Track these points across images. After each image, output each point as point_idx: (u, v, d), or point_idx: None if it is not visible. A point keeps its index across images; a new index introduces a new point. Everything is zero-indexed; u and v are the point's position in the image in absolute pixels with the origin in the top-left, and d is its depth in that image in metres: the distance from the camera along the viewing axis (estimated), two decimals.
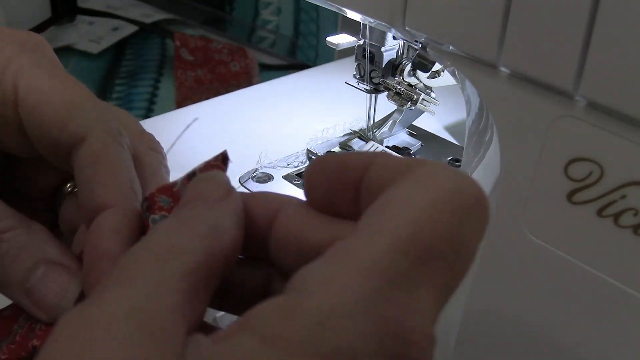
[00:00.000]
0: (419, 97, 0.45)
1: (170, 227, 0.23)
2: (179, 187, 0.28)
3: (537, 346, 0.35)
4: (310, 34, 0.97)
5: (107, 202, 0.28)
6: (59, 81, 0.30)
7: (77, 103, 0.29)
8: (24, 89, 0.29)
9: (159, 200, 0.28)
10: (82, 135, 0.29)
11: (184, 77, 0.92)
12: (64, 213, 0.33)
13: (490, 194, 0.37)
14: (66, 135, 0.29)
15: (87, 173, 0.29)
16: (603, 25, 0.27)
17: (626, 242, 0.30)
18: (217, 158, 0.28)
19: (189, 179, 0.28)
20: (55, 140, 0.29)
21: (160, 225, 0.24)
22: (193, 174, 0.28)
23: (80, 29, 1.03)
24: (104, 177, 0.29)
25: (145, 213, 0.28)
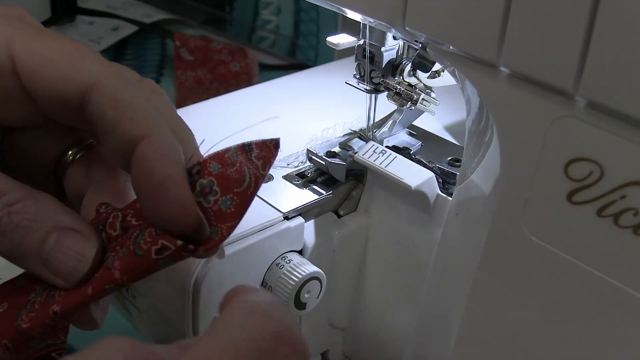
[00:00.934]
0: (419, 97, 0.45)
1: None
2: (231, 154, 0.29)
3: (537, 346, 0.35)
4: (310, 34, 0.97)
5: (141, 134, 0.28)
6: (53, 41, 0.30)
7: (76, 56, 0.29)
8: (21, 57, 0.29)
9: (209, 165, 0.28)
10: (90, 83, 0.29)
11: (184, 77, 0.92)
12: (69, 181, 0.34)
13: (490, 194, 0.37)
14: (73, 88, 0.29)
15: (110, 115, 0.28)
16: (603, 25, 0.27)
17: (626, 242, 0.30)
18: (272, 141, 0.30)
19: (244, 149, 0.28)
20: (63, 96, 0.29)
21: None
22: (249, 145, 0.28)
23: (80, 29, 1.03)
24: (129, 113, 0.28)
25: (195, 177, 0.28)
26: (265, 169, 0.28)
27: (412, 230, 0.46)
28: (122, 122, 0.28)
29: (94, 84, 0.29)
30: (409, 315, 0.47)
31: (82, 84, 0.29)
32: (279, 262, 0.44)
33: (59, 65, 0.29)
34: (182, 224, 0.27)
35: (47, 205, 0.29)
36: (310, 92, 0.61)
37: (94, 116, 0.29)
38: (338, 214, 0.48)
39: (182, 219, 0.27)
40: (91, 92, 0.28)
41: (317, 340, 0.52)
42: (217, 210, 0.28)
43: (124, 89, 0.29)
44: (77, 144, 0.34)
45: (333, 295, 0.49)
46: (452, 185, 0.45)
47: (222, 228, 0.28)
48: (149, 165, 0.27)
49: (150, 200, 0.27)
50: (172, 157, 0.28)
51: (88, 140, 0.35)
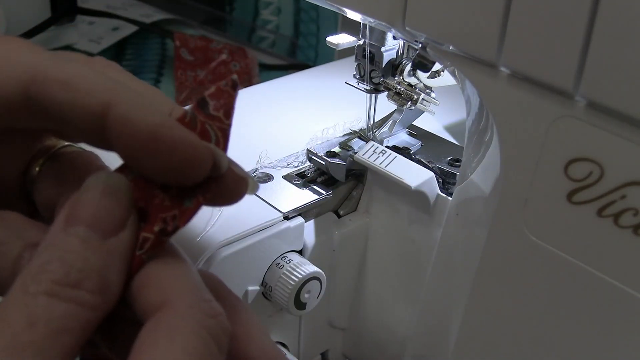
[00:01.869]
0: (419, 97, 0.45)
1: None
2: (190, 117, 0.26)
3: (537, 346, 0.35)
4: (310, 34, 0.97)
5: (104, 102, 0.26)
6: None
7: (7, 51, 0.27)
8: None
9: None
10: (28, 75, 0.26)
11: (184, 77, 0.92)
12: (39, 195, 0.31)
13: (490, 194, 0.37)
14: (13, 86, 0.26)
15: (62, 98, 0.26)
16: (603, 25, 0.27)
17: (626, 242, 0.30)
18: (227, 82, 0.27)
19: (200, 107, 0.26)
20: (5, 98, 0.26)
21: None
22: (203, 100, 0.26)
23: (80, 29, 1.03)
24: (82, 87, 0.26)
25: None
26: (230, 117, 0.26)
27: (412, 230, 0.46)
28: (78, 99, 0.25)
29: (32, 74, 0.26)
30: (409, 315, 0.47)
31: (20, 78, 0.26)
32: (279, 262, 0.44)
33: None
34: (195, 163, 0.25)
35: (15, 224, 0.27)
36: (310, 92, 0.61)
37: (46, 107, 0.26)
38: (338, 214, 0.48)
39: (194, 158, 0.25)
40: (33, 84, 0.26)
41: (317, 340, 0.52)
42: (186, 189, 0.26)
43: (66, 68, 0.26)
44: (41, 155, 0.32)
45: (333, 295, 0.49)
46: (452, 185, 0.45)
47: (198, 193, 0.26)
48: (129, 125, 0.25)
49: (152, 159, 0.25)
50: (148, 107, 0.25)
51: (52, 149, 0.32)
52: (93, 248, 0.24)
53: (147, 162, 0.25)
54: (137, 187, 0.26)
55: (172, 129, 0.25)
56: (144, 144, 0.25)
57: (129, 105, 0.25)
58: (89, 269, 0.24)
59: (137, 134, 0.25)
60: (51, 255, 0.24)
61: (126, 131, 0.25)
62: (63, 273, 0.24)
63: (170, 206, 0.26)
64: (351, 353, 0.53)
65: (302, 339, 0.50)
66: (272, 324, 0.47)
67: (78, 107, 0.25)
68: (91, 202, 0.25)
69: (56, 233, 0.25)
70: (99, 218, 0.25)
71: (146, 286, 0.25)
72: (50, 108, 0.26)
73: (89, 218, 0.25)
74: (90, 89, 0.26)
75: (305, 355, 0.51)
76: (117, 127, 0.25)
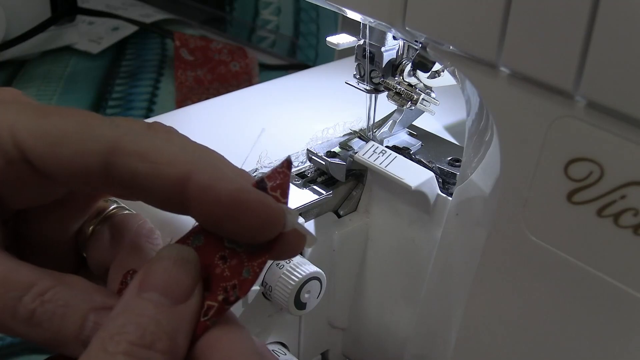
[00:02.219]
0: (419, 97, 0.45)
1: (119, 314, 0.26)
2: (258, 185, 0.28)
3: (537, 346, 0.35)
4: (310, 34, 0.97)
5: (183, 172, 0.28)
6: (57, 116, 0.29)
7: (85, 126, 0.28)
8: (28, 142, 0.28)
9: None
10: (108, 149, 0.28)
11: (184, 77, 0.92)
12: (91, 255, 0.33)
13: (490, 194, 0.37)
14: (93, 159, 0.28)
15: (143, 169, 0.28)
16: (603, 25, 0.27)
17: (626, 242, 0.30)
18: (283, 164, 0.28)
19: (258, 186, 0.28)
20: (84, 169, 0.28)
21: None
22: (261, 181, 0.28)
23: (80, 29, 1.03)
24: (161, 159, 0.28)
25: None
26: (286, 196, 0.28)
27: (412, 230, 0.46)
28: (158, 171, 0.27)
29: (111, 147, 0.28)
30: (409, 315, 0.47)
31: (100, 151, 0.28)
32: (279, 262, 0.44)
33: (71, 140, 0.28)
34: (272, 223, 0.27)
35: (79, 288, 0.29)
36: (310, 92, 0.61)
37: (124, 178, 0.28)
38: (338, 214, 0.48)
39: (270, 218, 0.27)
40: (113, 156, 0.28)
41: (317, 340, 0.52)
42: (249, 252, 0.28)
43: (143, 139, 0.28)
44: (95, 216, 0.34)
45: (333, 295, 0.49)
46: (452, 185, 0.45)
47: (254, 266, 0.28)
48: (212, 192, 0.27)
49: (233, 221, 0.27)
50: (227, 175, 0.27)
51: (105, 211, 0.34)
52: (165, 313, 0.27)
53: (228, 225, 0.27)
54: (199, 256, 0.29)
55: (251, 194, 0.27)
56: (226, 209, 0.27)
57: (209, 173, 0.27)
58: (161, 331, 0.26)
59: (219, 201, 0.27)
60: (127, 318, 0.26)
61: (208, 199, 0.27)
62: (139, 335, 0.26)
63: (230, 276, 0.28)
64: (351, 353, 0.53)
65: (302, 339, 0.50)
66: (272, 324, 0.47)
67: (158, 177, 0.28)
68: (164, 272, 0.28)
69: (131, 298, 0.27)
70: (171, 286, 0.27)
71: (210, 350, 0.27)
72: (128, 179, 0.28)
73: (161, 285, 0.27)
74: (170, 160, 0.27)
75: (305, 355, 0.51)
76: (199, 195, 0.27)
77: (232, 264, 0.28)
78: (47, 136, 0.28)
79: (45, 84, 0.93)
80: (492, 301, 0.37)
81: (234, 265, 0.28)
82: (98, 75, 0.96)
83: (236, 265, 0.28)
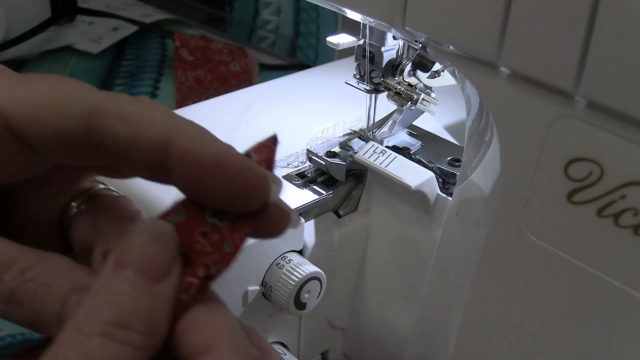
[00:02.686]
0: (419, 97, 0.45)
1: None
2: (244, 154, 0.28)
3: (537, 346, 0.35)
4: (310, 34, 0.97)
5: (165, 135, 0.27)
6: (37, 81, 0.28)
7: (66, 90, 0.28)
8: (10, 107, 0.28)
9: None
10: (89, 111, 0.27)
11: (184, 77, 0.92)
12: (76, 234, 0.32)
13: (490, 194, 0.37)
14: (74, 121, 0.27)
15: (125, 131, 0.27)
16: (603, 25, 0.27)
17: (626, 242, 0.30)
18: (269, 139, 0.28)
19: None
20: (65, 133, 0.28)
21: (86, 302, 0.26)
22: (247, 154, 0.28)
23: (80, 29, 1.03)
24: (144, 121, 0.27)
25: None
26: (271, 170, 0.28)
27: (412, 230, 0.46)
28: (140, 133, 0.27)
29: (93, 110, 0.27)
30: (409, 315, 0.47)
31: (82, 114, 0.27)
32: (279, 262, 0.44)
33: (52, 103, 0.27)
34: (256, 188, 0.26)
35: (61, 267, 0.28)
36: (310, 92, 0.61)
37: (106, 141, 0.27)
38: (338, 214, 0.48)
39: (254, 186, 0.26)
40: (94, 119, 0.27)
41: (317, 340, 0.52)
42: (230, 226, 0.27)
43: (124, 104, 0.28)
44: (80, 195, 0.33)
45: (333, 295, 0.49)
46: (452, 185, 0.45)
47: (235, 238, 0.27)
48: (195, 155, 0.26)
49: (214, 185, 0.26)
50: (210, 138, 0.27)
51: (90, 190, 0.34)
52: (142, 291, 0.26)
53: (210, 189, 0.26)
54: (179, 233, 0.28)
55: (235, 156, 0.26)
56: (209, 172, 0.26)
57: (191, 136, 0.27)
58: (138, 311, 0.25)
59: (202, 163, 0.26)
60: (103, 297, 0.26)
61: (191, 161, 0.26)
62: (114, 315, 0.25)
63: (212, 251, 0.27)
64: (351, 353, 0.53)
65: (302, 339, 0.50)
66: (272, 324, 0.47)
67: (140, 140, 0.27)
68: (140, 248, 0.27)
69: (107, 276, 0.26)
70: (148, 263, 0.26)
71: (191, 330, 0.26)
72: (110, 143, 0.27)
73: (138, 263, 0.26)
74: (152, 123, 0.27)
75: (305, 355, 0.51)
76: (181, 158, 0.26)
77: (213, 239, 0.27)
78: (27, 101, 0.27)
79: None
80: (492, 301, 0.37)
81: (215, 241, 0.27)
82: (98, 75, 0.96)
83: (218, 241, 0.27)
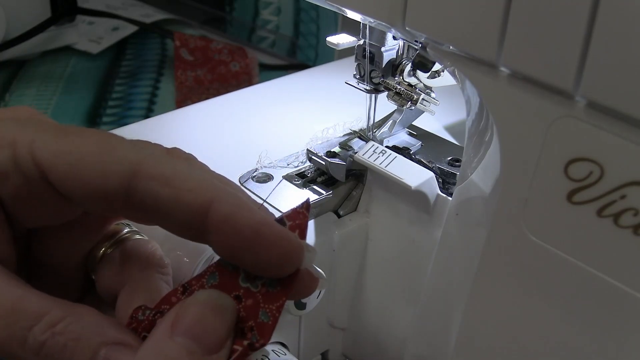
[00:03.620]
0: (419, 97, 0.45)
1: None
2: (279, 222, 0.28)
3: (537, 346, 0.35)
4: (310, 34, 0.97)
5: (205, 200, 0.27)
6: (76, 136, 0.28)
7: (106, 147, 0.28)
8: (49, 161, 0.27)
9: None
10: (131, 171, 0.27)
11: (184, 77, 0.92)
12: (101, 279, 0.32)
13: (490, 194, 0.37)
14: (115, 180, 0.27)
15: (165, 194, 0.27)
16: (603, 25, 0.27)
17: (626, 242, 0.30)
18: (302, 205, 0.28)
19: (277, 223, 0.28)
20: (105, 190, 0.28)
21: None
22: (281, 220, 0.28)
23: (80, 29, 1.03)
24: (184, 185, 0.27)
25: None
26: (304, 237, 0.28)
27: (412, 230, 0.46)
28: (180, 196, 0.27)
29: (134, 170, 0.27)
30: (409, 315, 0.47)
31: (122, 174, 0.27)
32: None
33: (92, 160, 0.27)
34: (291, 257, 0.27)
35: (91, 320, 0.28)
36: (310, 92, 0.61)
37: (146, 201, 0.27)
38: (338, 214, 0.48)
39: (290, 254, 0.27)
40: (135, 180, 0.27)
41: (317, 340, 0.52)
42: (265, 293, 0.27)
43: (166, 164, 0.28)
44: (107, 239, 0.33)
45: (333, 295, 0.49)
46: (452, 185, 0.45)
47: (272, 309, 0.27)
48: (234, 222, 0.26)
49: (254, 254, 0.26)
50: (249, 206, 0.27)
51: (117, 234, 0.33)
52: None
53: (247, 256, 0.27)
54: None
55: (273, 226, 0.27)
56: (248, 240, 0.26)
57: (231, 204, 0.27)
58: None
59: (241, 231, 0.26)
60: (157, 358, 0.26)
61: (229, 228, 0.26)
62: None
63: (246, 316, 0.27)
64: (351, 353, 0.53)
65: (302, 339, 0.50)
66: None
67: (180, 203, 0.27)
68: (200, 317, 0.27)
69: (162, 338, 0.26)
70: (206, 333, 0.26)
71: None
72: (150, 203, 0.27)
73: (197, 332, 0.26)
74: (193, 187, 0.27)
75: (305, 355, 0.51)
76: (221, 224, 0.26)
77: (247, 304, 0.28)
78: (68, 156, 0.27)
79: (45, 84, 0.93)
80: (492, 301, 0.37)
81: (249, 306, 0.28)
82: (98, 75, 0.96)
83: (252, 306, 0.28)
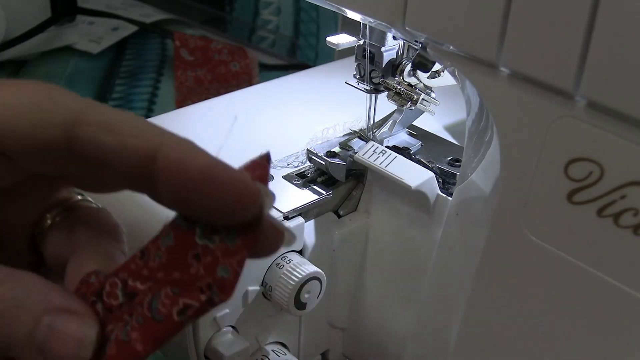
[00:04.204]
0: (419, 97, 0.45)
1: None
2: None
3: (537, 346, 0.35)
4: (310, 34, 0.97)
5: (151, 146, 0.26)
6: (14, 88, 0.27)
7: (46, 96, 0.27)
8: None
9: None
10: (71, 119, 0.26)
11: (184, 77, 0.92)
12: (49, 247, 0.31)
13: (490, 194, 0.37)
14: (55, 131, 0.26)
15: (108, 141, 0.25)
16: (603, 25, 0.27)
17: (626, 242, 0.30)
18: (262, 157, 0.27)
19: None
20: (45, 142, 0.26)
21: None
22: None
23: (80, 29, 1.03)
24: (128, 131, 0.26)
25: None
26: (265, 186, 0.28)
27: (412, 230, 0.46)
28: (125, 143, 0.25)
29: (75, 118, 0.26)
30: (409, 315, 0.47)
31: (62, 123, 0.26)
32: (279, 262, 0.44)
33: (31, 110, 0.26)
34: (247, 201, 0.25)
35: (33, 287, 0.26)
36: (310, 92, 0.61)
37: (87, 151, 0.26)
38: (338, 214, 0.48)
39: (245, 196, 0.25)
40: (76, 128, 0.26)
41: (317, 340, 0.52)
42: (224, 248, 0.26)
43: (109, 112, 0.26)
44: (55, 206, 0.31)
45: (333, 295, 0.49)
46: (452, 185, 0.45)
47: (233, 264, 0.26)
48: (184, 166, 0.25)
49: (206, 198, 0.25)
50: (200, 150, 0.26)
51: (67, 201, 0.32)
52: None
53: (199, 201, 0.25)
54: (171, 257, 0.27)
55: (225, 168, 0.25)
56: (198, 183, 0.25)
57: (178, 147, 0.25)
58: None
59: (191, 173, 0.25)
60: None
61: (179, 173, 0.25)
62: None
63: (204, 275, 0.26)
64: (351, 353, 0.53)
65: (302, 339, 0.50)
66: (272, 324, 0.47)
67: (124, 149, 0.25)
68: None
69: None
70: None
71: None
72: (92, 152, 0.26)
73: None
74: (139, 133, 0.26)
75: (305, 355, 0.51)
76: (169, 169, 0.25)
77: (206, 262, 0.26)
78: (4, 108, 0.26)
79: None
80: (492, 301, 0.37)
81: (208, 263, 0.26)
82: (98, 75, 0.96)
83: (210, 263, 0.26)
